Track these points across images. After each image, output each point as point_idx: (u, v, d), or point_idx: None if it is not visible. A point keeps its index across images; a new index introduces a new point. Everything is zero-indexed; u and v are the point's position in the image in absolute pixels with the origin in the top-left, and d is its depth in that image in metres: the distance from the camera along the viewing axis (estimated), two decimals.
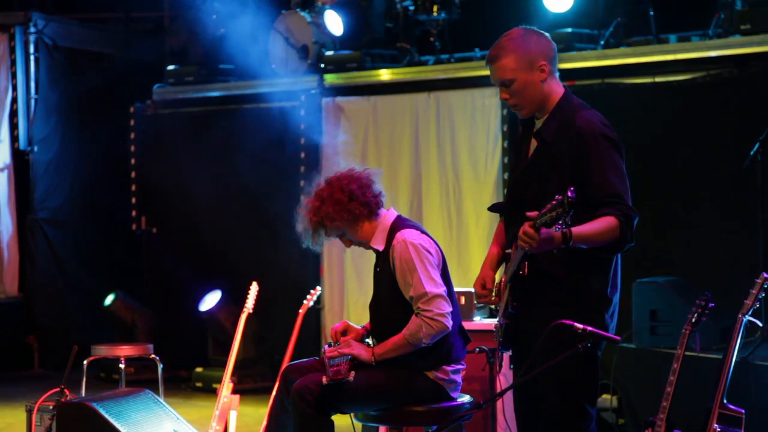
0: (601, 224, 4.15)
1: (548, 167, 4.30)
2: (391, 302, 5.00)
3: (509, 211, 4.49)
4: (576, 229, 4.08)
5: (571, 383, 4.30)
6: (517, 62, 4.33)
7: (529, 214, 4.06)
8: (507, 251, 4.45)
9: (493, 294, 4.52)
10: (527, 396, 4.47)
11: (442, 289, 4.90)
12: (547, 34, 4.43)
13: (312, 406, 4.81)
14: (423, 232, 5.06)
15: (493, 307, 4.55)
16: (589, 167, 4.23)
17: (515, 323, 4.39)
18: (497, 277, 4.61)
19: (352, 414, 5.10)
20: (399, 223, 5.06)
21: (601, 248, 4.20)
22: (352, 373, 4.83)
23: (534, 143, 4.42)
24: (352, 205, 5.01)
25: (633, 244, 4.26)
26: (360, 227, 5.06)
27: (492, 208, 4.88)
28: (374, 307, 5.16)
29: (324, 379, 4.82)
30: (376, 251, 5.10)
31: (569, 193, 3.89)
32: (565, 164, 4.25)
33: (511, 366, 4.58)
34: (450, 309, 4.90)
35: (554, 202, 3.93)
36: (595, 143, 4.24)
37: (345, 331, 5.22)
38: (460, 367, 5.06)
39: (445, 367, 4.99)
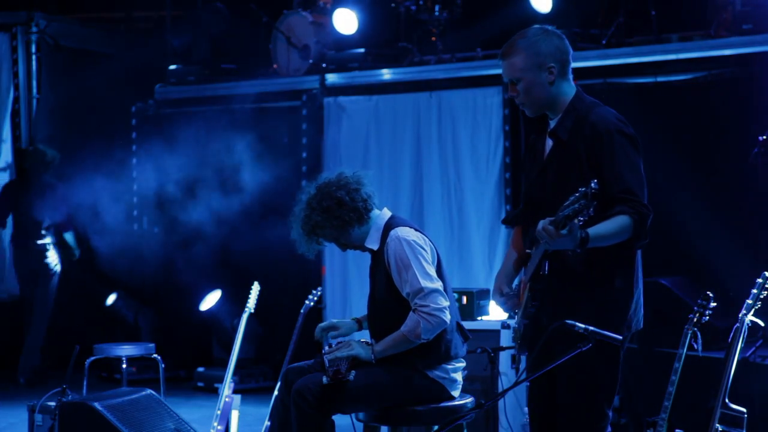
0: (615, 224, 4.15)
1: (565, 166, 4.30)
2: (388, 300, 5.01)
3: (527, 212, 4.48)
4: (592, 230, 4.08)
5: (593, 384, 4.31)
6: (526, 62, 4.35)
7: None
8: (527, 252, 4.44)
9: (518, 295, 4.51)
10: (543, 395, 4.47)
11: (438, 284, 4.90)
12: (561, 35, 4.42)
13: (312, 407, 4.80)
14: (417, 229, 5.06)
15: (515, 312, 4.53)
16: (603, 162, 4.23)
17: (536, 323, 4.38)
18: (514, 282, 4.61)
19: (352, 414, 5.11)
20: (393, 222, 5.08)
21: (610, 246, 4.20)
22: (352, 373, 4.83)
23: (549, 143, 4.42)
24: (341, 212, 5.03)
25: (647, 241, 4.26)
26: (352, 231, 5.07)
27: (506, 221, 4.85)
28: (371, 305, 5.17)
29: (324, 379, 4.82)
30: (371, 251, 5.11)
31: (592, 185, 3.89)
32: (583, 161, 4.26)
33: (513, 366, 4.56)
34: (447, 303, 4.91)
35: (577, 194, 3.92)
36: (610, 139, 4.25)
37: (331, 329, 5.26)
38: (460, 365, 5.07)
39: (445, 365, 4.99)
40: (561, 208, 3.97)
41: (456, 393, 5.05)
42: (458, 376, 5.06)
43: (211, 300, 9.53)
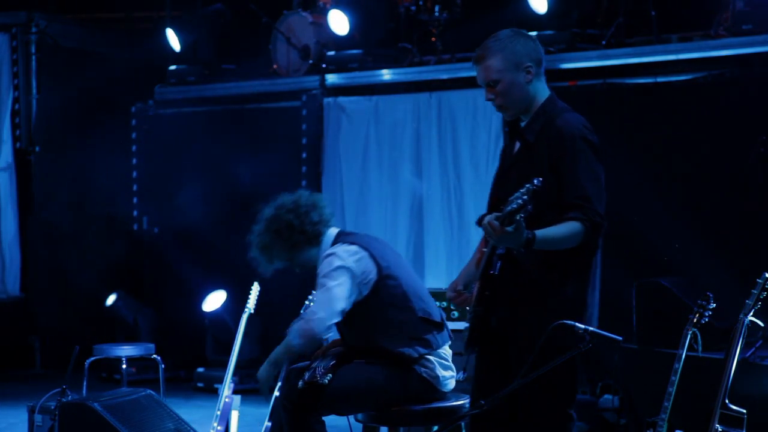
0: (565, 229, 4.13)
1: (529, 168, 4.28)
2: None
3: (489, 210, 4.46)
4: (540, 232, 4.06)
5: (551, 388, 4.26)
6: (504, 63, 4.34)
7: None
8: (483, 250, 4.43)
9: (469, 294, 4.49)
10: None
11: (329, 314, 4.89)
12: (534, 37, 4.44)
13: (299, 408, 4.82)
14: (359, 243, 5.01)
15: (467, 310, 4.51)
16: (564, 167, 4.22)
17: (483, 323, 4.35)
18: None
19: (350, 415, 5.11)
20: (337, 240, 5.09)
21: (565, 252, 4.17)
22: (328, 377, 4.83)
23: (518, 145, 4.42)
24: (290, 234, 5.09)
25: (598, 250, 4.24)
26: (301, 254, 5.13)
27: (478, 222, 4.83)
28: None
29: (299, 383, 4.85)
30: None
31: (535, 181, 3.87)
32: (545, 165, 4.24)
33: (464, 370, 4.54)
34: (325, 336, 4.93)
35: (521, 191, 3.89)
36: (572, 144, 4.24)
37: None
38: (444, 360, 4.98)
39: (424, 360, 4.93)
40: (506, 204, 3.95)
41: (446, 389, 4.98)
42: (444, 372, 4.97)
43: (215, 301, 9.52)
